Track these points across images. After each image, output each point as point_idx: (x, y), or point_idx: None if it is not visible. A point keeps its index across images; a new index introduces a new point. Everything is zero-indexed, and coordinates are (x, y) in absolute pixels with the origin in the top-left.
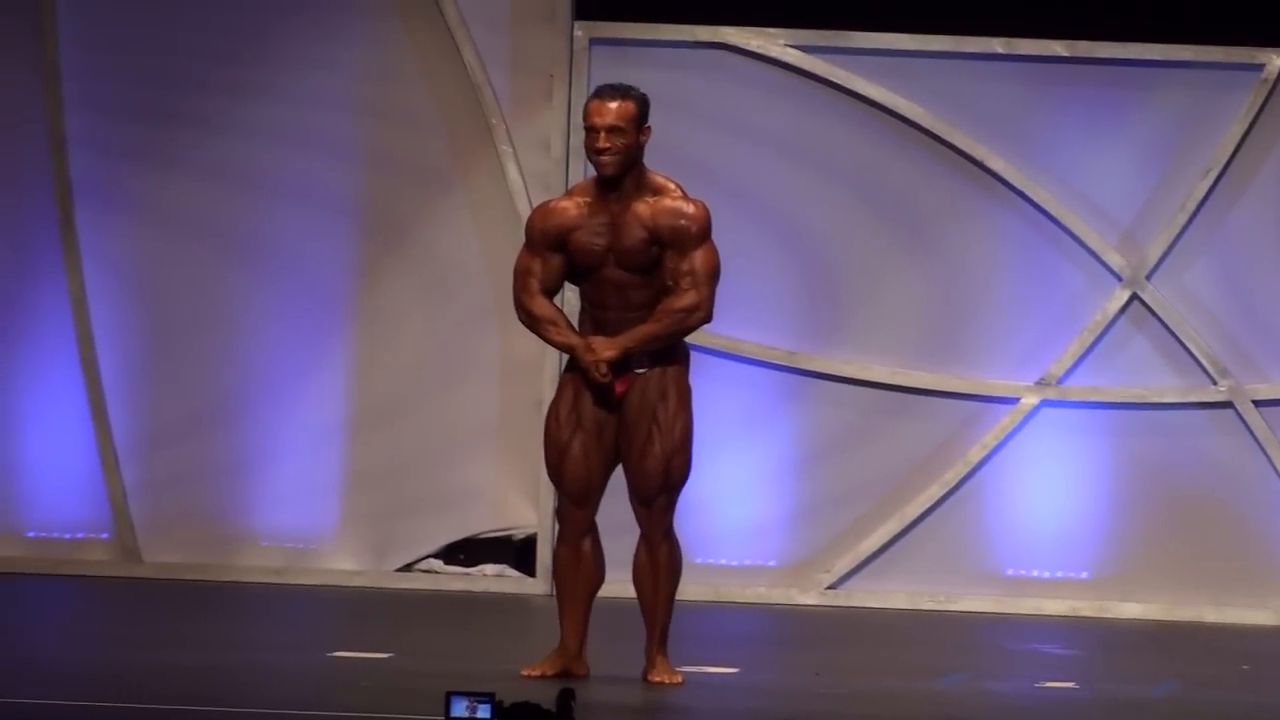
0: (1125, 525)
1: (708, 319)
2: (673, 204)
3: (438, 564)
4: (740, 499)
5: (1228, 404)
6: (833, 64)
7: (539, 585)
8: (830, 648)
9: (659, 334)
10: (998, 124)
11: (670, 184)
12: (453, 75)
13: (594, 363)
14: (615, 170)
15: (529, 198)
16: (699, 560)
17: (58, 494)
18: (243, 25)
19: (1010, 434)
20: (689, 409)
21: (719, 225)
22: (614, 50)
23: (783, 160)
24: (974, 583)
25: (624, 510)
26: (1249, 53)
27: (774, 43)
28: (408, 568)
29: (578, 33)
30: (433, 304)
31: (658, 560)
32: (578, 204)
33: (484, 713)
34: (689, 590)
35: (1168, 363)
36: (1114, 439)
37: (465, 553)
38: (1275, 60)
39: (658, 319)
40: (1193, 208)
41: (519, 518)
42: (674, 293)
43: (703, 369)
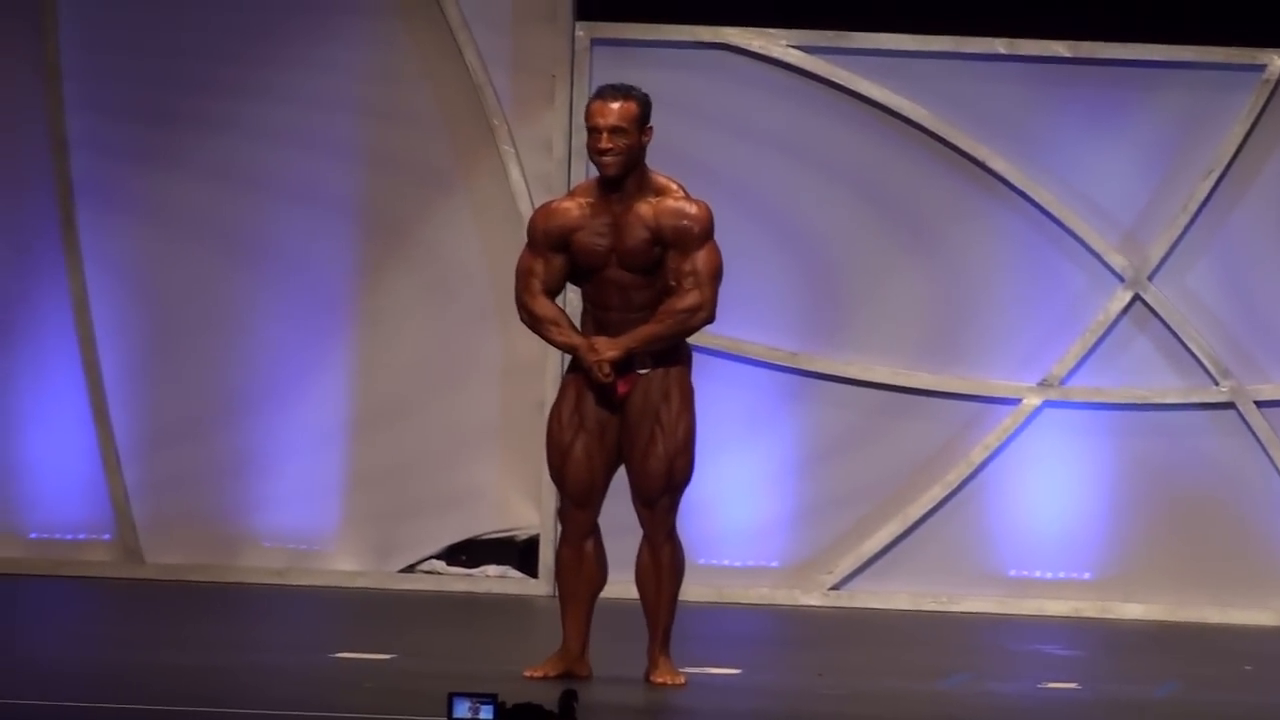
0: (1127, 526)
1: (710, 319)
2: (675, 204)
3: (440, 565)
4: (742, 500)
5: (1230, 405)
6: (834, 64)
7: (541, 586)
8: (833, 648)
9: (661, 334)
10: (1000, 124)
11: (673, 184)
12: (454, 76)
13: (596, 363)
14: (618, 171)
15: (531, 198)
16: (701, 561)
17: (59, 495)
18: (244, 26)
19: (1012, 435)
20: (692, 410)
21: (721, 226)
22: (616, 51)
23: (784, 161)
24: (976, 583)
25: (626, 511)
26: (1251, 53)
27: (776, 43)
28: (410, 569)
29: (579, 33)
30: (435, 304)
31: (660, 561)
32: (580, 204)
33: (486, 714)
34: (691, 591)
35: (1170, 363)
36: (1116, 440)
37: (467, 554)
38: (1277, 61)
39: (660, 319)
40: (1195, 208)
41: (521, 519)
42: (676, 293)
43: (705, 370)
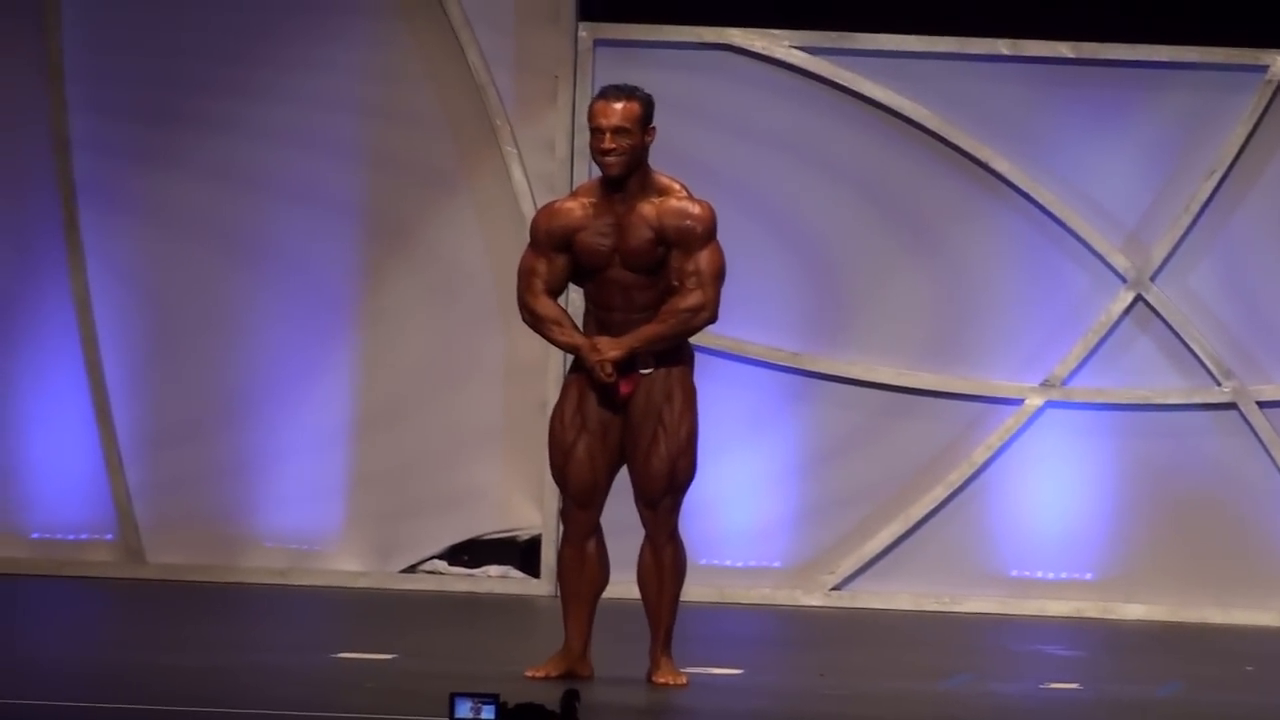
0: (1129, 526)
1: (713, 319)
2: (678, 204)
3: (442, 565)
4: (745, 500)
5: (1232, 405)
6: (837, 65)
7: (543, 586)
8: (835, 649)
9: (664, 334)
10: (1002, 125)
11: (675, 184)
12: (457, 76)
13: (599, 362)
14: (621, 171)
15: (533, 199)
16: (703, 561)
17: (62, 495)
18: (246, 26)
19: (1014, 435)
20: (694, 410)
21: (723, 226)
22: (618, 51)
23: (787, 161)
24: (978, 584)
25: (628, 511)
26: (1253, 54)
27: (778, 44)
28: (412, 569)
29: (582, 34)
30: (437, 305)
31: (662, 561)
32: (583, 204)
33: (488, 714)
34: (693, 591)
35: (1172, 364)
36: (1118, 440)
37: (469, 554)
38: (1279, 61)
39: (663, 319)
40: (1197, 209)
41: (523, 519)
42: (679, 293)
43: (707, 370)
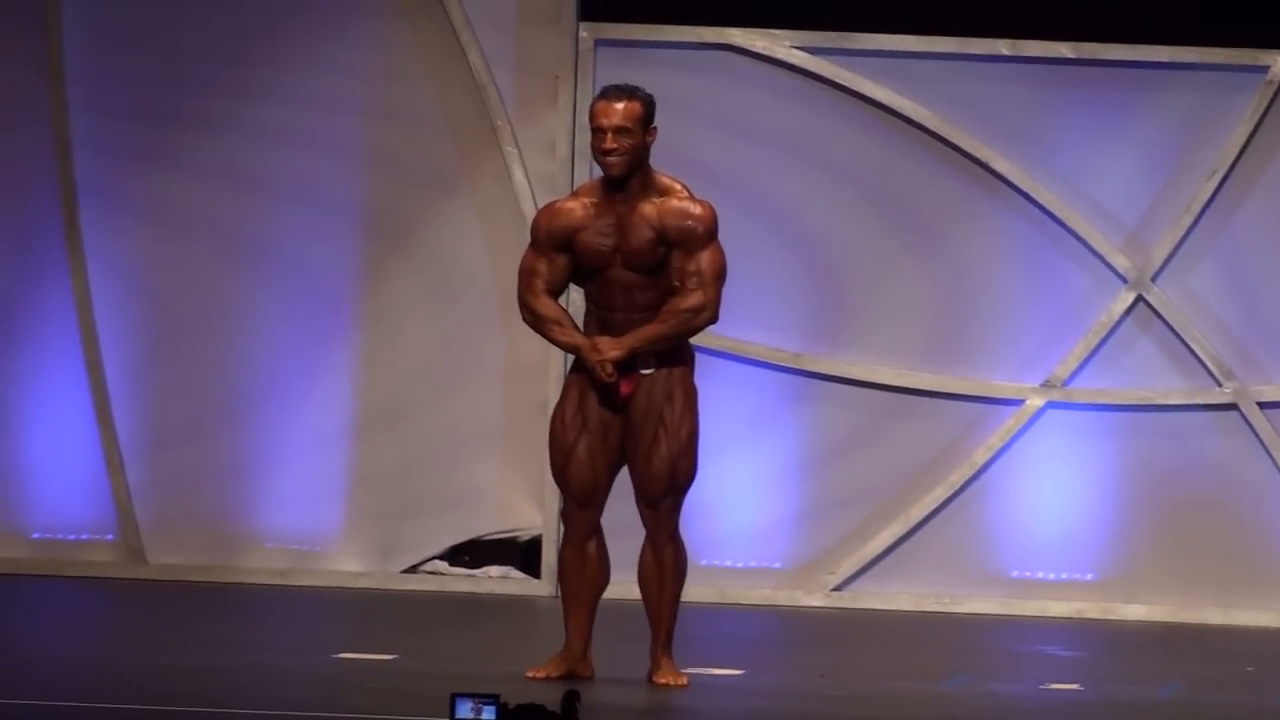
0: (1130, 527)
1: (714, 319)
2: (679, 204)
3: (443, 565)
4: (745, 501)
5: (1233, 406)
6: (838, 65)
7: (544, 587)
8: (835, 650)
9: (665, 334)
10: (1003, 126)
11: (676, 184)
12: (458, 76)
13: (600, 362)
14: (622, 171)
15: (534, 199)
16: (704, 562)
17: (62, 495)
18: (247, 26)
19: (1015, 436)
20: (695, 410)
21: (724, 226)
22: (619, 51)
23: (788, 161)
24: (979, 584)
25: (629, 511)
26: (1254, 55)
27: (779, 44)
28: (413, 569)
29: (583, 34)
30: (438, 305)
31: (663, 562)
32: (584, 205)
33: (489, 714)
34: (694, 592)
35: (1173, 365)
36: (1119, 441)
37: (470, 554)
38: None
39: (664, 319)
40: (1198, 209)
41: (524, 519)
42: (680, 293)
43: (708, 370)
